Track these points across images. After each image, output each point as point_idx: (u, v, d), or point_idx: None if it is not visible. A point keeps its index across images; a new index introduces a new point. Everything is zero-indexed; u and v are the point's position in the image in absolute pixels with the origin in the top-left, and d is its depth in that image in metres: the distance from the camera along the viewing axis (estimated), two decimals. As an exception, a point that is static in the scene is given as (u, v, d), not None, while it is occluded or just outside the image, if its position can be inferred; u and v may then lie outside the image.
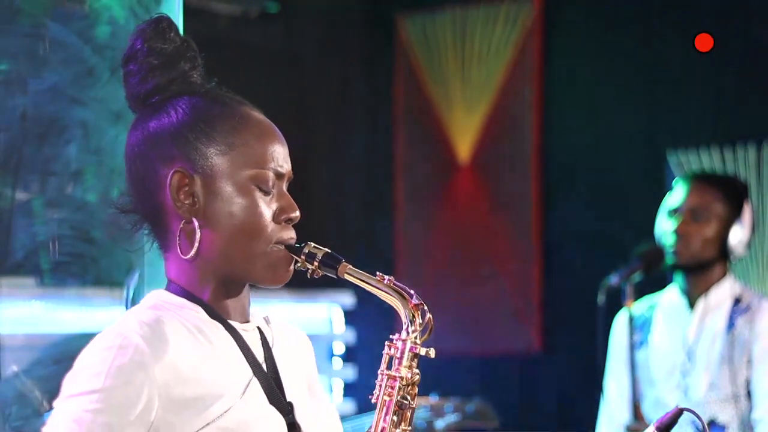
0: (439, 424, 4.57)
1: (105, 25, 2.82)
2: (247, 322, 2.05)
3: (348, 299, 6.08)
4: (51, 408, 1.93)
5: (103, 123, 2.87)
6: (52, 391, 2.74)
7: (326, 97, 6.38)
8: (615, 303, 4.33)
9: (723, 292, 4.15)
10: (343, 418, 4.78)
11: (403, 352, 1.99)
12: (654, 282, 4.49)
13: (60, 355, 2.87)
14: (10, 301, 3.01)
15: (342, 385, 6.15)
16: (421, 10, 6.31)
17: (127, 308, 2.90)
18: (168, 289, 2.03)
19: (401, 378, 1.98)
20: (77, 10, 2.85)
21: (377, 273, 2.00)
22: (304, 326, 2.21)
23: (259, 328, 2.07)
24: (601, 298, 4.33)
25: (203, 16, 5.66)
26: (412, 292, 2.00)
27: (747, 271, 5.38)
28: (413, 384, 1.99)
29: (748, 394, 4.06)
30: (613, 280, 4.30)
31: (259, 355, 2.02)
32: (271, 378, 2.01)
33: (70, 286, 2.92)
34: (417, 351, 1.99)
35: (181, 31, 2.08)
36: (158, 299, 2.01)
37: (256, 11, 6.03)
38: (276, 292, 2.12)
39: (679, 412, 2.14)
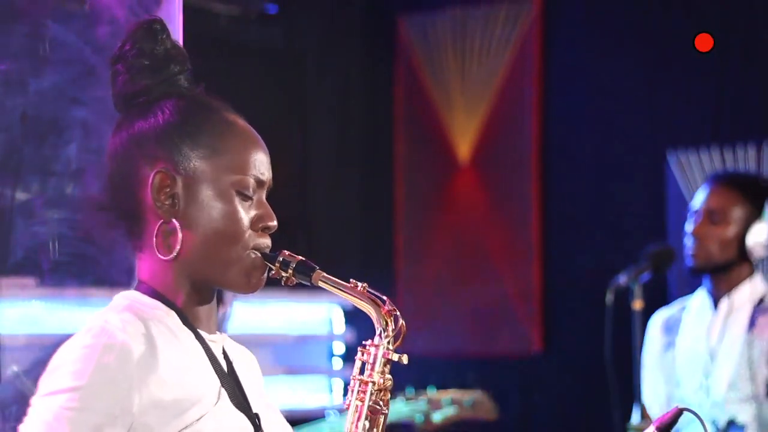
0: (437, 416, 4.51)
1: (105, 25, 2.82)
2: (214, 333, 2.05)
3: (348, 299, 6.07)
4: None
5: (103, 123, 2.87)
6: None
7: (326, 97, 6.38)
8: (623, 302, 4.33)
9: (746, 293, 4.13)
10: (323, 419, 4.73)
11: (375, 358, 2.02)
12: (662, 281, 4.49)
13: (60, 355, 2.86)
14: (10, 301, 3.00)
15: (342, 385, 6.15)
16: (421, 11, 6.31)
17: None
18: (138, 289, 2.01)
19: (373, 383, 2.01)
20: (77, 10, 2.85)
21: (351, 280, 2.04)
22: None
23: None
24: (609, 298, 4.32)
25: (203, 16, 5.67)
26: (384, 298, 2.03)
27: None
28: (385, 389, 2.02)
29: None
30: (621, 279, 4.29)
31: (224, 366, 2.03)
32: (237, 389, 2.02)
33: (70, 286, 2.91)
34: (390, 357, 2.02)
35: (182, 31, 2.07)
36: (131, 300, 2.00)
37: (256, 11, 6.03)
38: (276, 292, 2.12)
39: (678, 412, 2.14)
